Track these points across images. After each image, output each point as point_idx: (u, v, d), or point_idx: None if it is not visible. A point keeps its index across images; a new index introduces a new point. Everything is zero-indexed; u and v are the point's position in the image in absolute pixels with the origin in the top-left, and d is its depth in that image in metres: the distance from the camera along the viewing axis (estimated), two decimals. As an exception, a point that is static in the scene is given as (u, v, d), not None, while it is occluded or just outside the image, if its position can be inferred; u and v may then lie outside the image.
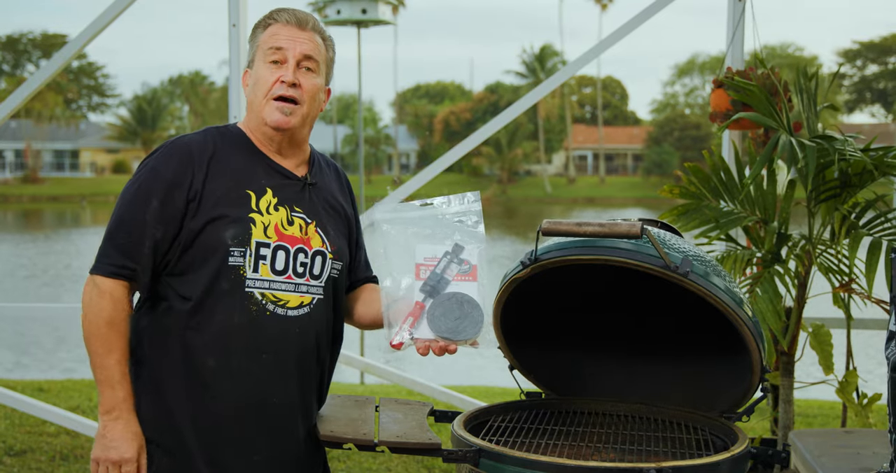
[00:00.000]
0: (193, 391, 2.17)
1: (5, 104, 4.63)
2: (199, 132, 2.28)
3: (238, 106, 4.52)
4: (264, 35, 2.28)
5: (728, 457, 2.04)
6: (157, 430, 2.19)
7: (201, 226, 2.15)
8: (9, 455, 5.28)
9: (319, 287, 2.26)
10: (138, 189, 2.18)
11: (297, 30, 2.26)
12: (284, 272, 2.20)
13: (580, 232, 2.18)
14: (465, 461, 2.07)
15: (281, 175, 2.26)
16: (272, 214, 2.21)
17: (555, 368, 2.61)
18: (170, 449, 2.18)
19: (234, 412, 2.18)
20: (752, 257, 3.78)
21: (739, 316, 2.18)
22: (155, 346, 2.19)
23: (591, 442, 2.33)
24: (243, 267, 2.15)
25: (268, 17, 2.30)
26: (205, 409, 2.17)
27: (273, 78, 2.22)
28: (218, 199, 2.17)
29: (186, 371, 2.17)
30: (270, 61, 2.24)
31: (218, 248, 2.14)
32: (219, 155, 2.22)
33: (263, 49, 2.26)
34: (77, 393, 7.23)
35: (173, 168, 2.17)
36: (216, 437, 2.18)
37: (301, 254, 2.23)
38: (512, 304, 2.43)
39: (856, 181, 3.65)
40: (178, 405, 2.17)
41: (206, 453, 2.17)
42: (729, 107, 4.07)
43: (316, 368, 2.31)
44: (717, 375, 2.45)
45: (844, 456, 2.46)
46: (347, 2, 8.13)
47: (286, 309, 2.20)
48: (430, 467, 5.11)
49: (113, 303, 2.12)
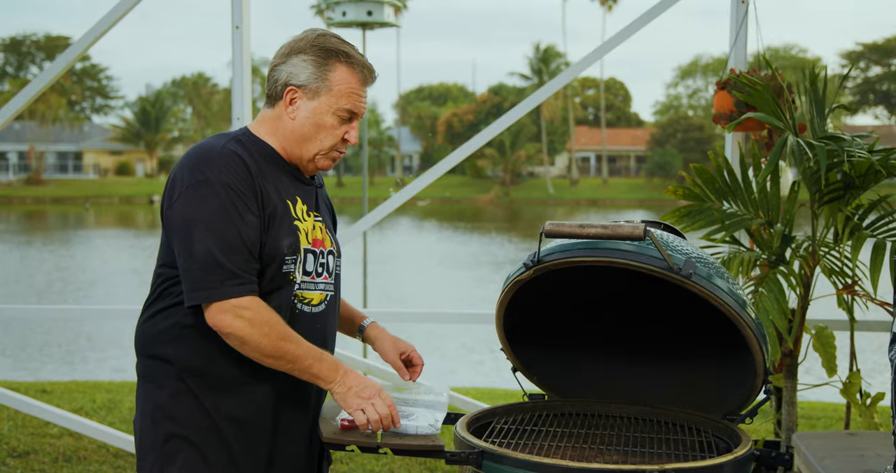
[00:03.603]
0: (230, 389, 2.19)
1: (9, 106, 4.63)
2: (229, 140, 2.22)
3: (241, 107, 4.53)
4: (340, 75, 2.22)
5: (731, 459, 2.04)
6: (187, 426, 2.19)
7: (265, 238, 2.16)
8: (12, 457, 5.28)
9: (331, 284, 2.34)
10: (220, 205, 2.10)
11: (366, 88, 2.28)
12: (310, 273, 2.26)
13: (583, 233, 2.18)
14: (468, 463, 2.07)
15: (301, 183, 2.31)
16: (307, 220, 2.26)
17: (558, 370, 2.61)
18: (198, 444, 2.19)
19: (268, 409, 2.22)
20: (756, 259, 3.77)
21: (742, 318, 2.17)
22: (191, 346, 2.19)
23: (594, 444, 2.32)
24: (293, 274, 2.21)
25: (345, 53, 2.23)
26: (240, 406, 2.20)
27: (341, 133, 2.25)
28: (274, 209, 2.18)
29: (224, 369, 2.19)
30: (343, 117, 2.24)
31: (276, 257, 2.17)
32: (261, 165, 2.22)
33: (339, 95, 2.21)
34: (80, 395, 7.24)
35: (243, 182, 2.13)
36: (250, 433, 2.21)
37: (321, 256, 2.30)
38: (515, 306, 2.43)
39: (859, 183, 3.64)
40: (210, 403, 2.19)
41: (237, 447, 2.20)
42: (733, 109, 4.07)
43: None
44: (720, 377, 2.45)
45: (848, 459, 2.45)
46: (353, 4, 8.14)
47: (311, 307, 2.27)
48: (433, 469, 5.11)
49: (262, 310, 2.11)
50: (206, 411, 2.19)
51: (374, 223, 5.11)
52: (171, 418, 2.19)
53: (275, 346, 2.09)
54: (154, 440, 2.21)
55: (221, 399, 2.19)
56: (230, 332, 2.08)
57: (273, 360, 2.11)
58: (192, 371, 2.19)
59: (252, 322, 2.08)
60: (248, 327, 2.07)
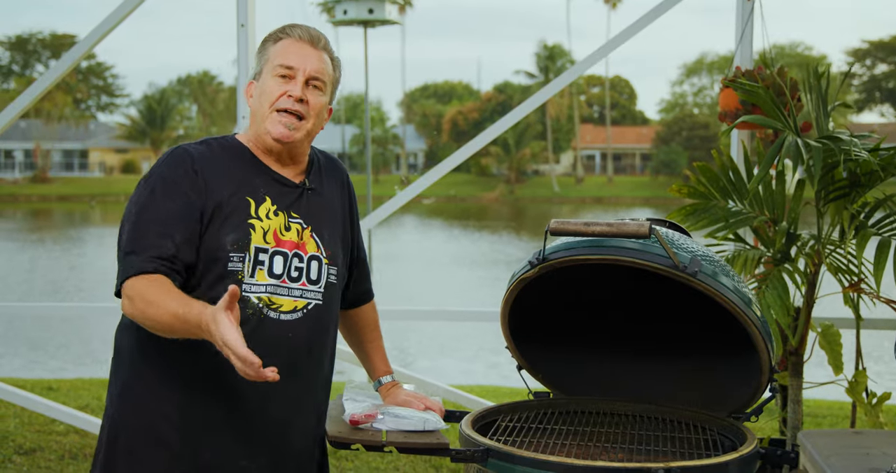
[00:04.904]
0: (193, 393, 2.17)
1: (15, 104, 4.64)
2: (198, 141, 2.28)
3: (246, 106, 4.53)
4: (275, 48, 2.27)
5: (736, 457, 2.04)
6: (149, 424, 2.18)
7: (203, 231, 2.14)
8: (18, 454, 5.30)
9: (318, 292, 2.27)
10: (150, 196, 2.16)
11: (308, 47, 2.26)
12: (280, 276, 2.20)
13: (588, 231, 2.18)
14: (474, 460, 2.07)
15: (280, 183, 2.27)
16: (271, 220, 2.21)
17: (563, 368, 2.61)
18: (160, 443, 2.17)
19: (229, 413, 2.18)
20: (761, 257, 3.76)
21: (748, 315, 2.17)
22: (153, 350, 2.18)
23: (599, 442, 2.32)
24: (241, 272, 2.16)
25: (280, 31, 2.29)
26: (200, 410, 2.17)
27: (280, 91, 2.23)
28: (219, 205, 2.17)
29: (187, 372, 2.16)
30: (279, 75, 2.24)
31: (217, 251, 2.14)
32: (218, 162, 2.22)
33: (273, 63, 2.25)
34: (86, 392, 7.26)
35: (181, 174, 2.17)
36: (209, 438, 2.18)
37: (296, 259, 2.23)
38: (520, 304, 2.43)
39: (865, 181, 3.64)
40: (171, 405, 2.17)
41: (196, 451, 2.17)
42: (738, 107, 4.06)
43: (312, 370, 2.30)
44: (726, 375, 2.45)
45: (854, 457, 2.45)
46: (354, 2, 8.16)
47: (279, 314, 2.20)
48: (438, 466, 5.11)
49: (138, 284, 2.06)
50: (166, 413, 2.18)
51: (379, 221, 5.11)
52: (132, 415, 2.21)
53: (145, 316, 2.02)
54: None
55: (188, 404, 2.18)
56: (127, 314, 2.09)
57: (162, 330, 2.03)
58: (159, 374, 2.19)
59: (132, 299, 2.05)
60: (129, 306, 2.06)
